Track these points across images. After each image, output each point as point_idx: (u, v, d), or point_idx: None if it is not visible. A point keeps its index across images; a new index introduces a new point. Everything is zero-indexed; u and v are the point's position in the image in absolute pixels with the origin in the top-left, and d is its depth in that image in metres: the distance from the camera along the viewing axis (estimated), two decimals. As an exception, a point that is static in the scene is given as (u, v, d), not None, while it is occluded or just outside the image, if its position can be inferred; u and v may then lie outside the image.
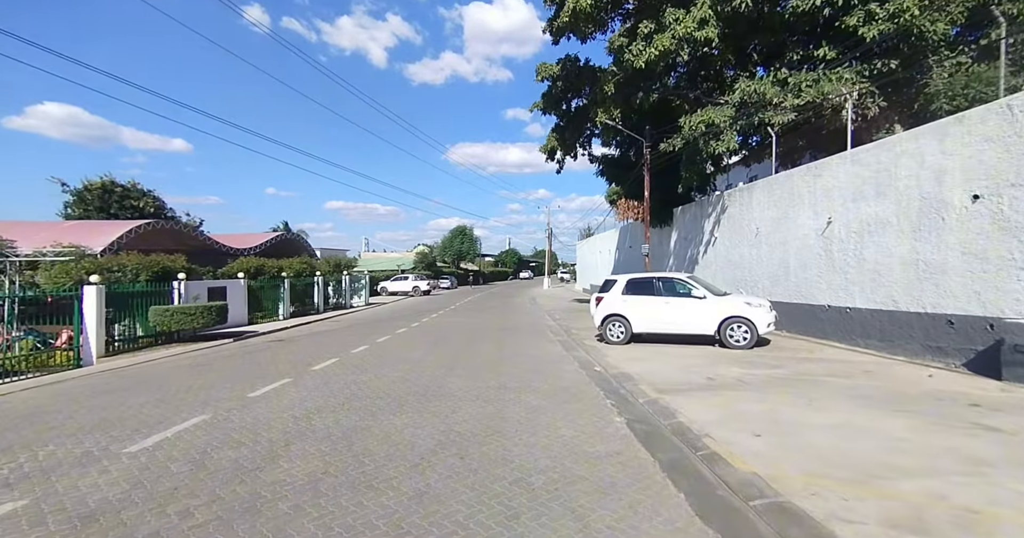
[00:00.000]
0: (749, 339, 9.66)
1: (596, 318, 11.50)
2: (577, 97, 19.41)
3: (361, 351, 10.47)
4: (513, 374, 7.92)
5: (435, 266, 52.19)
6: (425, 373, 7.97)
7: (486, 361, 9.15)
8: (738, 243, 14.16)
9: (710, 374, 7.58)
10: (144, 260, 13.91)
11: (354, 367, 8.47)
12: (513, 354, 10.05)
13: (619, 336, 11.08)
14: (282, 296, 19.74)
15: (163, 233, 20.08)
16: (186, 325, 12.71)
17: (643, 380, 7.33)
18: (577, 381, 7.46)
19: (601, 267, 34.94)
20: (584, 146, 22.45)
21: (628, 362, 8.88)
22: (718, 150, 13.26)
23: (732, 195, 14.62)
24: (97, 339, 11.25)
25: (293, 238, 27.12)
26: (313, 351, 10.62)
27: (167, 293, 13.83)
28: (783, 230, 11.81)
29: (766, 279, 12.63)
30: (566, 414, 5.58)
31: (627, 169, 20.92)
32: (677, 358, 9.16)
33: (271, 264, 19.90)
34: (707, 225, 16.38)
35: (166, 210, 31.68)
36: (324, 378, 7.54)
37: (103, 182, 29.12)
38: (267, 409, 5.67)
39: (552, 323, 17.02)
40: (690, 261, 17.87)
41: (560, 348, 11.07)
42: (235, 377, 7.73)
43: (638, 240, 25.37)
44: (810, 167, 10.85)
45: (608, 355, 9.74)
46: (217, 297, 15.90)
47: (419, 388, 6.81)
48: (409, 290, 37.44)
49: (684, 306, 10.39)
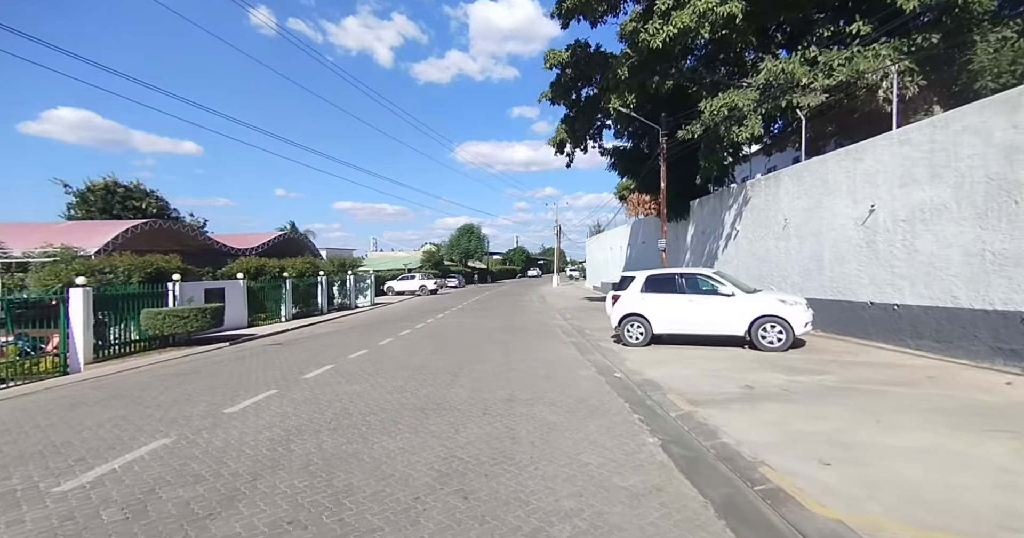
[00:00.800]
0: (784, 340, 8.75)
1: (612, 318, 10.65)
2: (587, 85, 18.52)
3: (359, 356, 9.72)
4: (524, 382, 7.11)
5: (442, 265, 51.52)
6: (426, 382, 7.19)
7: (494, 367, 8.36)
8: (763, 236, 13.20)
9: (747, 381, 6.71)
10: (136, 261, 13.30)
11: (349, 375, 7.71)
12: (523, 358, 9.24)
13: (638, 337, 10.22)
14: (284, 297, 19.10)
15: (162, 233, 19.57)
16: (179, 329, 12.06)
17: (671, 388, 6.49)
18: (596, 390, 6.63)
19: (612, 264, 33.99)
20: (595, 138, 21.57)
21: (651, 367, 8.03)
22: (741, 136, 12.32)
23: (756, 185, 13.66)
24: (84, 345, 10.61)
25: (296, 237, 26.54)
26: (308, 356, 9.89)
27: (161, 295, 13.19)
28: (816, 221, 10.85)
29: (796, 274, 11.68)
30: (588, 433, 4.76)
31: (640, 161, 20.00)
32: (705, 362, 8.29)
33: (272, 264, 19.27)
34: (728, 218, 15.42)
35: (169, 211, 31.29)
36: (314, 389, 6.79)
37: (105, 183, 28.77)
38: (242, 429, 4.92)
39: (563, 323, 16.19)
40: (709, 256, 16.92)
41: (574, 351, 10.24)
42: (217, 388, 7.01)
43: (652, 235, 24.42)
44: (848, 151, 9.88)
45: (627, 359, 8.90)
46: (214, 299, 15.26)
47: (418, 401, 6.02)
48: (416, 289, 36.77)
49: (710, 304, 9.50)
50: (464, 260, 61.27)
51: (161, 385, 7.42)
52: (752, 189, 13.79)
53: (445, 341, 11.84)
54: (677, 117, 15.24)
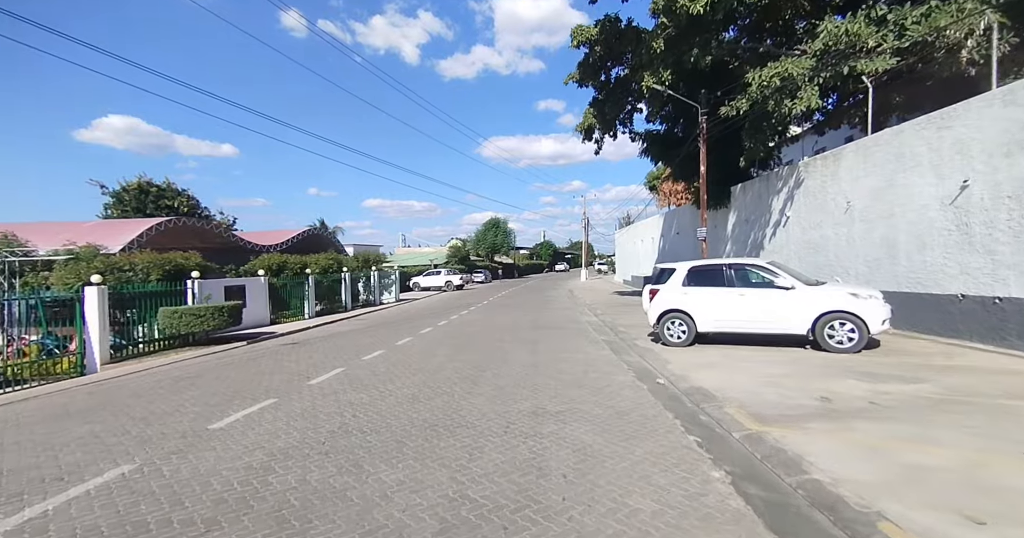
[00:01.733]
0: (856, 340, 7.51)
1: (650, 315, 9.58)
2: (618, 65, 17.28)
3: (374, 358, 9.02)
4: (552, 390, 6.20)
5: (468, 260, 50.98)
6: (442, 389, 6.37)
7: (519, 371, 7.47)
8: (819, 222, 11.79)
9: (821, 391, 5.59)
10: (155, 258, 13.04)
11: (358, 381, 6.98)
12: (551, 360, 8.32)
13: (680, 336, 9.14)
14: (307, 294, 18.75)
15: (187, 231, 19.54)
16: (196, 328, 11.70)
17: (728, 399, 5.44)
18: (638, 401, 5.65)
19: (643, 257, 32.53)
20: (625, 123, 20.30)
21: (698, 371, 6.97)
22: (797, 109, 10.93)
23: (811, 165, 12.22)
24: (100, 345, 10.33)
25: (321, 234, 26.35)
26: (320, 358, 9.26)
27: (180, 293, 12.90)
28: (887, 202, 9.45)
29: (861, 264, 10.29)
30: (634, 462, 3.81)
31: (675, 146, 18.63)
32: (762, 366, 7.16)
33: (294, 260, 18.95)
34: (775, 203, 14.00)
35: (200, 209, 31.77)
36: (316, 398, 6.07)
37: (139, 183, 29.37)
38: (220, 453, 4.20)
39: (594, 319, 15.15)
40: (753, 246, 15.51)
41: (608, 351, 9.25)
42: (212, 396, 6.39)
43: (687, 225, 22.98)
44: (931, 118, 8.45)
45: (670, 361, 7.85)
46: (235, 296, 14.96)
47: (430, 415, 5.20)
48: (441, 285, 36.30)
49: (764, 299, 8.32)
50: (490, 255, 60.60)
51: (158, 392, 6.88)
52: (806, 170, 12.36)
53: (467, 340, 11.03)
54: (718, 94, 13.89)
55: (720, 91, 14.11)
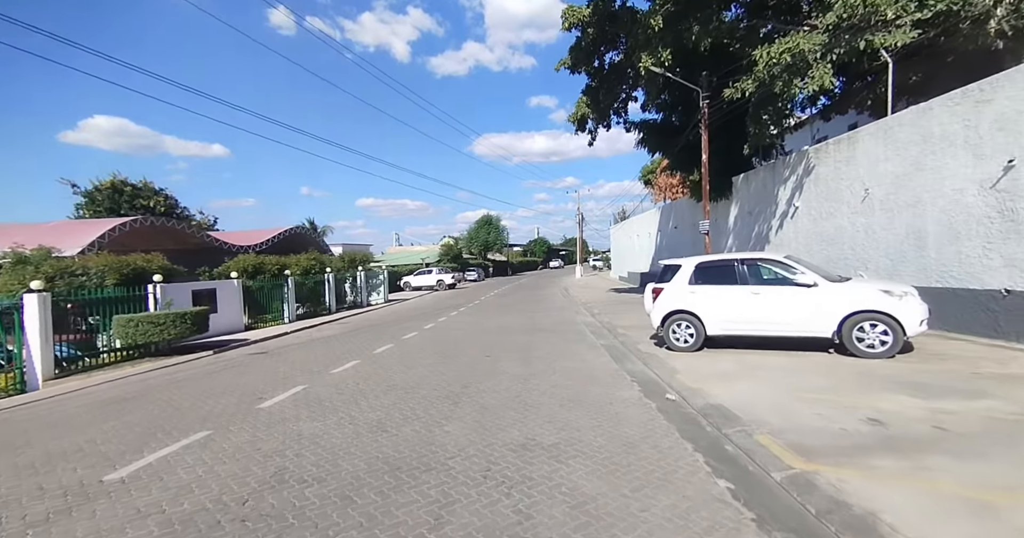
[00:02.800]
0: (890, 344, 6.60)
1: (654, 316, 8.64)
2: (612, 50, 16.31)
3: (345, 371, 8.01)
4: (546, 412, 5.23)
5: (461, 258, 49.94)
6: (415, 413, 5.38)
7: (507, 385, 6.50)
8: (832, 212, 10.90)
9: (866, 410, 4.66)
10: (111, 261, 11.93)
11: (318, 404, 5.97)
12: (545, 370, 7.36)
13: (687, 340, 8.21)
14: (286, 297, 17.67)
15: (158, 232, 18.39)
16: (154, 337, 10.61)
17: (756, 422, 4.50)
18: (649, 426, 4.70)
19: (640, 252, 31.66)
20: (619, 113, 19.34)
21: (713, 383, 6.03)
22: (810, 88, 10.02)
23: (822, 151, 11.32)
24: (42, 359, 9.26)
25: (304, 233, 25.21)
26: (285, 371, 8.24)
27: (140, 298, 11.81)
28: (913, 188, 8.56)
29: (882, 256, 9.41)
30: (652, 527, 2.85)
31: (672, 135, 17.70)
32: (786, 375, 6.24)
33: (272, 261, 17.85)
34: (782, 193, 13.10)
35: (178, 209, 30.52)
36: (260, 429, 5.06)
37: (112, 182, 28.07)
38: (98, 522, 3.17)
39: (590, 319, 14.22)
40: (758, 239, 14.62)
41: (608, 358, 8.31)
42: (135, 427, 5.35)
43: (685, 219, 22.10)
44: (967, 91, 7.53)
45: (678, 370, 6.92)
46: (204, 301, 13.88)
47: (394, 451, 4.21)
48: (433, 284, 35.25)
49: (783, 297, 7.40)
50: (483, 253, 59.55)
51: (76, 421, 5.83)
52: (817, 156, 11.46)
53: (453, 347, 10.04)
54: (720, 76, 12.96)
55: (721, 74, 13.19)
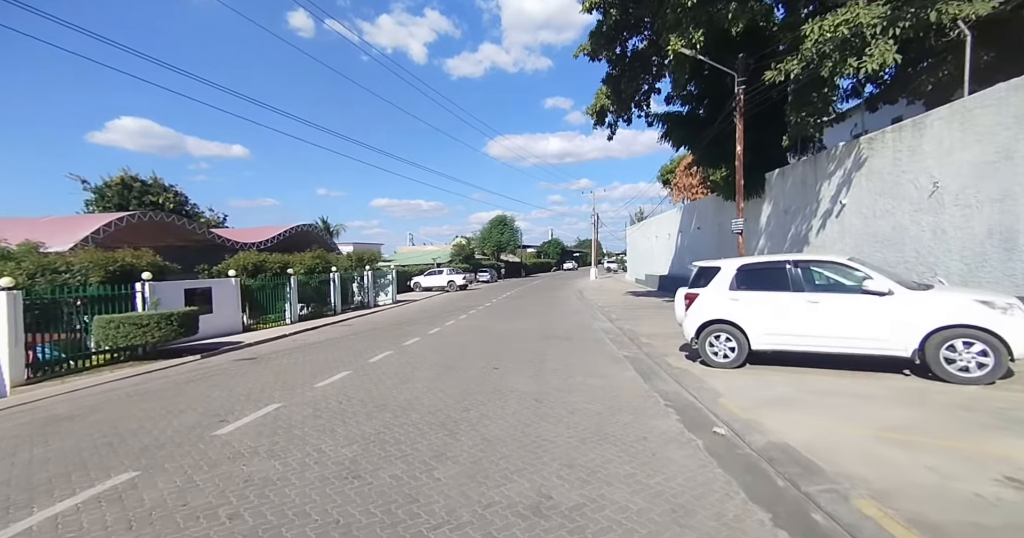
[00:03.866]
0: (991, 368, 5.36)
1: (687, 326, 7.50)
2: (636, 35, 15.19)
3: (331, 384, 7.02)
4: (563, 451, 4.15)
5: (473, 259, 49.04)
6: (400, 448, 4.34)
7: (516, 410, 5.43)
8: (890, 210, 9.61)
9: (995, 463, 3.48)
10: (97, 257, 11.17)
11: (288, 430, 4.96)
12: (561, 389, 6.27)
13: (727, 355, 7.05)
14: (288, 296, 16.86)
15: (158, 228, 17.74)
16: (136, 340, 9.80)
17: (845, 477, 3.36)
18: (701, 478, 3.59)
19: (658, 254, 30.33)
20: (641, 105, 18.19)
21: (771, 413, 4.89)
22: (867, 69, 8.75)
23: (876, 141, 10.02)
24: (11, 363, 8.50)
25: (311, 230, 24.48)
26: (265, 383, 7.28)
27: (127, 297, 11.04)
28: (1000, 179, 7.26)
29: (956, 260, 8.11)
30: None
31: (699, 128, 16.44)
32: (858, 403, 5.06)
33: (274, 259, 17.05)
34: (825, 189, 11.81)
35: (187, 206, 30.15)
36: (200, 469, 4.06)
37: (122, 178, 27.77)
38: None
39: (609, 325, 13.08)
40: (794, 241, 13.32)
41: (634, 373, 7.19)
42: (55, 460, 4.37)
43: (708, 219, 20.78)
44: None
45: (721, 392, 5.78)
46: (198, 301, 13.10)
47: (359, 513, 3.17)
48: (444, 285, 34.39)
49: (848, 307, 6.19)
50: (496, 253, 58.59)
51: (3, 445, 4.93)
52: (870, 147, 10.16)
53: (458, 355, 9.00)
54: (757, 59, 11.72)
55: (755, 59, 11.94)
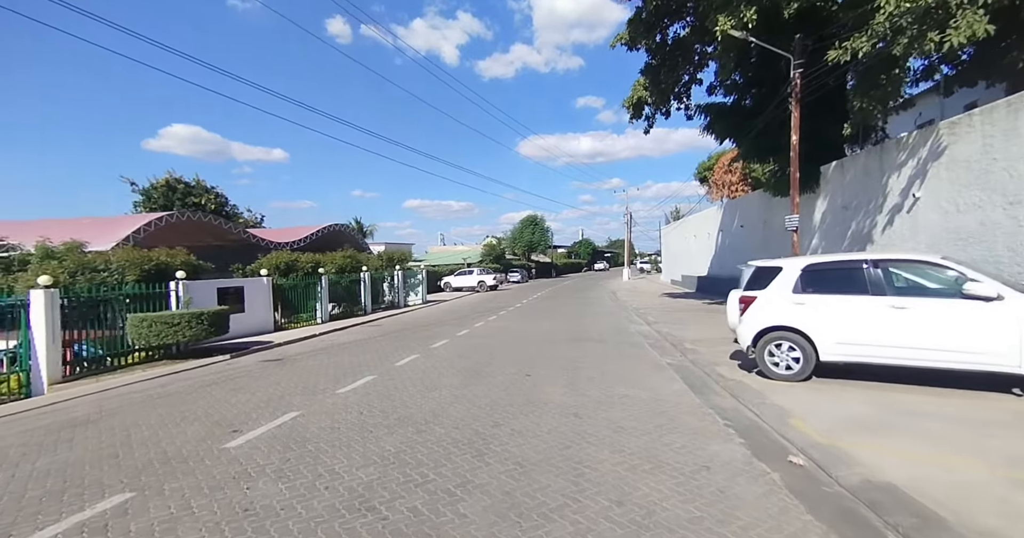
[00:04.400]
0: None
1: (742, 333, 6.70)
2: (677, 21, 14.32)
3: (354, 390, 6.62)
4: (611, 479, 3.53)
5: (504, 259, 48.62)
6: (421, 471, 3.83)
7: (552, 425, 4.84)
8: (979, 203, 8.45)
9: None
10: (133, 255, 11.27)
11: (300, 445, 4.52)
12: (601, 401, 5.63)
13: (790, 367, 6.23)
14: (320, 296, 16.82)
15: (196, 227, 18.10)
16: (168, 338, 9.77)
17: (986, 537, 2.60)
18: (784, 525, 2.89)
19: (697, 254, 29.01)
20: (681, 97, 17.22)
21: (854, 438, 4.12)
22: (951, 43, 7.68)
23: (960, 125, 8.86)
24: (48, 360, 8.56)
25: (343, 230, 24.61)
26: (287, 386, 6.95)
27: (161, 296, 11.10)
28: None
29: (1064, 261, 6.96)
30: None
31: (745, 119, 15.36)
32: (966, 429, 4.21)
33: (306, 259, 17.06)
34: (894, 182, 10.64)
35: (227, 207, 31.01)
36: (200, 491, 3.65)
37: (167, 180, 28.81)
38: None
39: (647, 328, 12.30)
40: (855, 238, 12.14)
41: (682, 385, 6.46)
42: (54, 474, 4.09)
43: (753, 217, 19.53)
44: None
45: (790, 411, 5.00)
46: (231, 300, 13.13)
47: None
48: (474, 285, 34.09)
49: (943, 314, 5.28)
50: (527, 253, 58.01)
51: (11, 452, 4.73)
52: (952, 132, 9.00)
53: (487, 360, 8.48)
54: (814, 41, 10.67)
55: (813, 39, 10.89)
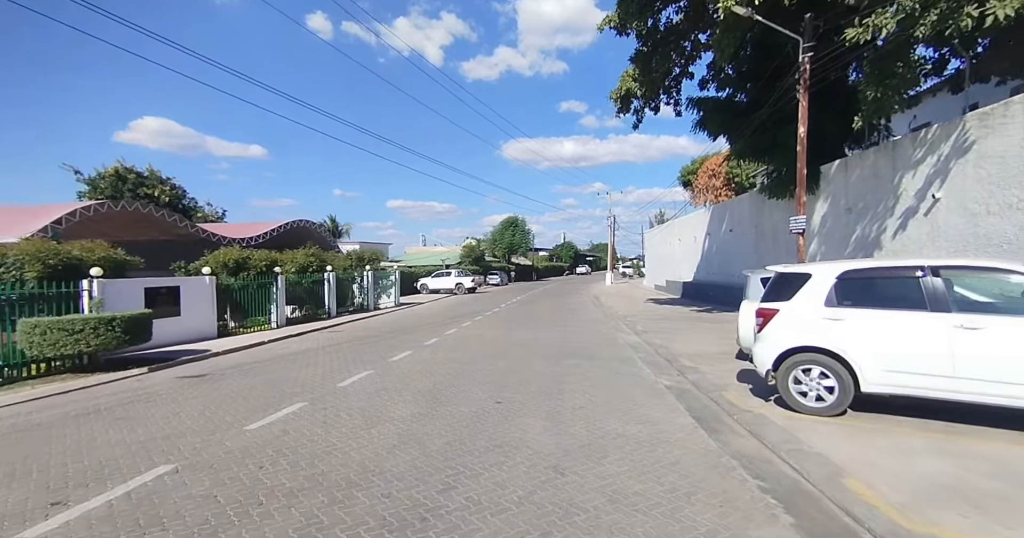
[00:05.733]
0: None
1: (761, 353, 5.47)
2: (671, 4, 13.17)
3: (270, 425, 5.14)
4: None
5: (483, 261, 47.21)
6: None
7: (525, 488, 3.48)
8: (1014, 204, 7.45)
9: None
10: (35, 248, 9.48)
11: (145, 530, 3.08)
12: (589, 447, 4.29)
13: (822, 397, 5.03)
14: (275, 297, 15.12)
15: (136, 220, 16.14)
16: (68, 348, 8.09)
17: None
18: None
19: (682, 259, 28.16)
20: (670, 91, 16.20)
21: (959, 521, 2.85)
22: (995, 16, 6.64)
23: (992, 116, 7.87)
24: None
25: (310, 227, 22.82)
26: (191, 418, 5.42)
27: (72, 297, 9.37)
28: None
29: None
30: None
31: (738, 116, 14.37)
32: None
33: (260, 256, 15.31)
34: (908, 181, 9.67)
35: (185, 199, 28.82)
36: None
37: (116, 169, 26.48)
38: None
39: (636, 339, 11.08)
40: (860, 244, 11.17)
41: (686, 418, 5.19)
42: None
43: (744, 220, 18.61)
44: None
45: (843, 467, 3.76)
46: (163, 302, 11.41)
47: None
48: (451, 287, 32.62)
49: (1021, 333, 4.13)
50: (508, 255, 56.66)
51: None
52: (983, 124, 8.01)
53: (452, 381, 7.06)
54: (827, 18, 9.62)
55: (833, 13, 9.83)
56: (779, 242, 15.57)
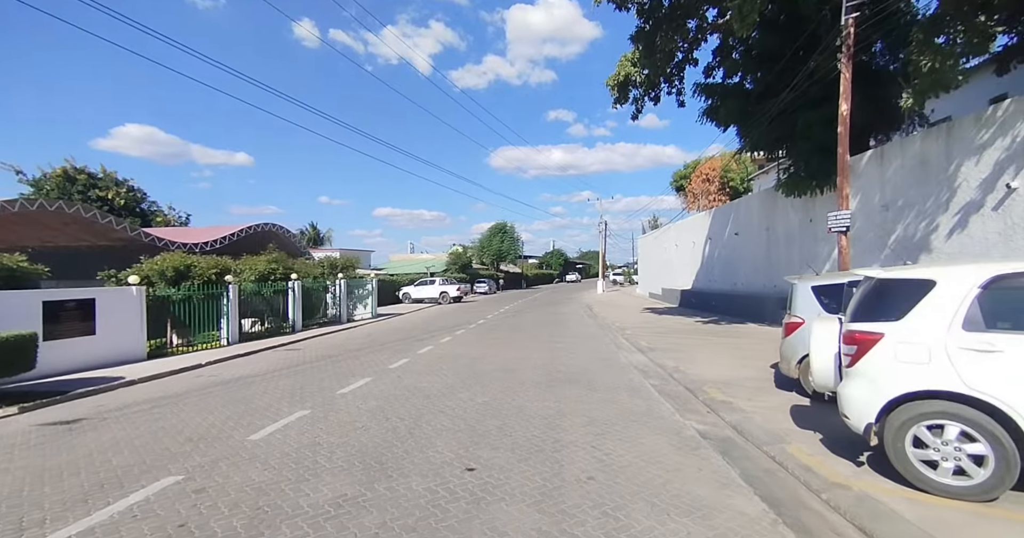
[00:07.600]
0: None
1: (856, 398, 3.71)
2: (677, -28, 11.58)
3: (108, 523, 3.20)
4: None
5: (470, 268, 45.28)
6: None
7: None
8: None
9: None
10: None
11: None
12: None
13: (966, 471, 3.25)
14: (225, 311, 13.07)
15: (66, 222, 13.97)
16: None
17: None
18: None
19: (679, 266, 26.55)
20: (672, 79, 14.66)
21: None
22: None
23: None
24: None
25: (276, 231, 20.76)
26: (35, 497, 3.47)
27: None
28: None
29: None
30: None
31: (756, 101, 12.78)
32: None
33: (207, 263, 13.26)
34: (969, 171, 8.07)
35: (143, 203, 26.53)
36: None
37: (64, 169, 24.17)
38: None
39: (642, 359, 9.31)
40: (902, 245, 9.55)
41: (753, 502, 3.34)
42: None
43: (752, 222, 17.02)
44: None
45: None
46: (70, 318, 9.40)
47: None
48: (436, 296, 30.66)
49: None
50: (496, 263, 54.74)
51: None
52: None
53: (411, 427, 5.15)
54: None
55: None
56: (794, 246, 13.97)
